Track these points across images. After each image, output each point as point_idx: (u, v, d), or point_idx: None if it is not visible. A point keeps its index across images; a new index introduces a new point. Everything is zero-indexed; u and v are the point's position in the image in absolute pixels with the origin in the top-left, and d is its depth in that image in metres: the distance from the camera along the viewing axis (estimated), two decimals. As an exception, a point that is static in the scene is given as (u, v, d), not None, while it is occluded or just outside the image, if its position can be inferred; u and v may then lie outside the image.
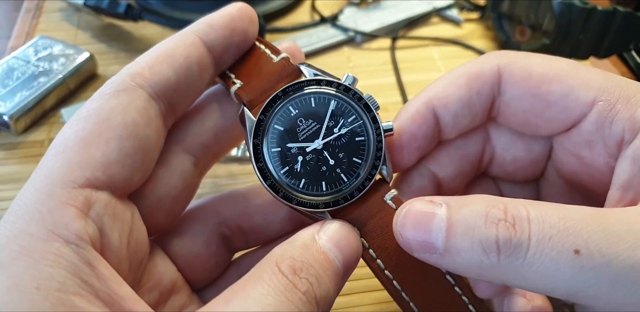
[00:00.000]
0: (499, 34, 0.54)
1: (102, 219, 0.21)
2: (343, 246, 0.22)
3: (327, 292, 0.21)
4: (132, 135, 0.22)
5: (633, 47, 0.49)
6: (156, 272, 0.25)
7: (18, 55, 0.48)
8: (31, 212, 0.19)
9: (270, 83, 0.25)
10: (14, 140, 0.44)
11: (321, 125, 0.24)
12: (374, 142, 0.24)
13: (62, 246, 0.19)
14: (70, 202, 0.20)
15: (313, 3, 0.59)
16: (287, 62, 0.25)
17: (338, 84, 0.24)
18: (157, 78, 0.23)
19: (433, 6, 0.58)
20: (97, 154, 0.21)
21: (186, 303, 0.26)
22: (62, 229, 0.19)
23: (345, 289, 0.35)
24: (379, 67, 0.53)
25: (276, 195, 0.24)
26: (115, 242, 0.21)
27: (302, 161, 0.24)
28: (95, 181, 0.21)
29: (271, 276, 0.20)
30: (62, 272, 0.18)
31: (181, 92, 0.24)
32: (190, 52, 0.24)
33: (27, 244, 0.18)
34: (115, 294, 0.19)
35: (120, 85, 0.23)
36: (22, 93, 0.44)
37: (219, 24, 0.25)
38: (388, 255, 0.24)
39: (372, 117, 0.24)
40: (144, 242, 0.24)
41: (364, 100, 0.24)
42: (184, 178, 0.26)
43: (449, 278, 0.24)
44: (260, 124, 0.24)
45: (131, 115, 0.22)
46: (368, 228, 0.24)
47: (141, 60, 0.24)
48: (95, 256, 0.19)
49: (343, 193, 0.24)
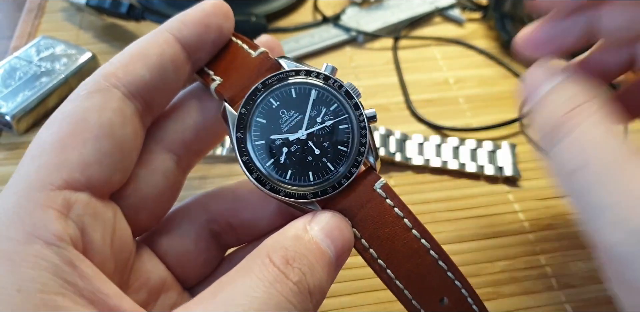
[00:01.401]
0: (501, 34, 0.54)
1: (83, 220, 0.21)
2: (335, 236, 0.22)
3: (320, 282, 0.21)
4: (108, 135, 0.22)
5: (636, 47, 0.49)
6: (144, 271, 0.25)
7: (20, 56, 0.48)
8: (9, 216, 0.19)
9: (250, 78, 0.25)
10: (16, 140, 0.44)
11: (303, 115, 0.24)
12: (357, 129, 0.24)
13: (42, 247, 0.19)
14: (49, 204, 0.20)
15: (315, 3, 0.59)
16: (265, 57, 0.25)
17: (317, 73, 0.24)
18: (130, 77, 0.23)
19: (435, 6, 0.58)
20: (74, 155, 0.21)
21: (177, 301, 0.26)
22: (41, 231, 0.19)
23: (348, 289, 0.35)
24: (382, 66, 0.53)
25: (263, 188, 0.24)
26: (97, 242, 0.21)
27: (287, 152, 0.24)
28: (73, 182, 0.21)
29: (261, 267, 0.20)
30: (44, 273, 0.18)
31: (157, 90, 0.24)
32: (164, 49, 0.24)
33: (6, 248, 0.18)
34: (100, 292, 0.19)
35: (94, 86, 0.23)
36: (25, 93, 0.44)
37: (192, 21, 0.25)
38: (380, 244, 0.24)
39: (354, 104, 0.24)
40: (128, 241, 0.24)
41: (344, 88, 0.24)
42: (167, 177, 0.26)
43: (442, 264, 0.24)
44: (242, 118, 0.24)
45: (107, 116, 0.22)
46: (359, 218, 0.24)
47: (115, 60, 0.24)
48: (77, 255, 0.19)
49: (330, 182, 0.24)
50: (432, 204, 0.40)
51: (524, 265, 0.37)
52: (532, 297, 0.35)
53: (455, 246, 0.38)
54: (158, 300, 0.25)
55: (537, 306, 0.35)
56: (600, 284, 0.36)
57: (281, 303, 0.19)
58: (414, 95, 0.49)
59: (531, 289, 0.35)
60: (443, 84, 0.51)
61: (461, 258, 0.37)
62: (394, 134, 0.44)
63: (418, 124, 0.47)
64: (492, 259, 0.37)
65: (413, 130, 0.46)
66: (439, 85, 0.51)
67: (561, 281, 0.36)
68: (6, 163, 0.42)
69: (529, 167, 0.43)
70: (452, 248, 0.38)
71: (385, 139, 0.43)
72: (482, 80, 0.51)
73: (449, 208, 0.40)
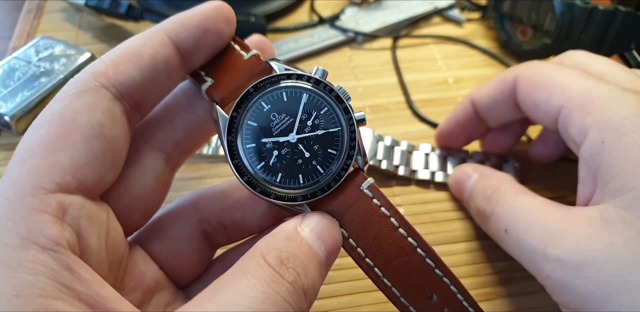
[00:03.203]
0: (501, 33, 0.54)
1: (79, 223, 0.21)
2: (325, 237, 0.23)
3: (313, 281, 0.21)
4: (98, 137, 0.22)
5: (634, 47, 0.49)
6: (138, 271, 0.25)
7: (19, 56, 0.48)
8: (3, 221, 0.19)
9: (242, 80, 0.25)
10: (15, 140, 0.44)
11: (294, 119, 0.24)
12: (347, 133, 0.24)
13: (38, 253, 0.19)
14: (43, 209, 0.20)
15: (312, 4, 0.59)
16: (257, 59, 0.25)
17: (309, 78, 0.24)
18: (121, 78, 0.23)
19: (434, 6, 0.58)
20: (65, 157, 0.21)
21: (171, 300, 0.26)
22: (37, 236, 0.19)
23: (347, 289, 0.35)
24: (381, 67, 0.53)
25: (254, 191, 0.24)
26: (94, 245, 0.21)
27: (277, 155, 0.24)
28: (65, 185, 0.20)
29: (257, 268, 0.20)
30: (41, 278, 0.18)
31: (146, 91, 0.24)
32: (158, 51, 0.24)
33: (2, 254, 0.18)
34: (99, 295, 0.19)
35: (84, 86, 0.22)
36: (24, 93, 0.44)
37: (191, 23, 0.24)
38: (367, 243, 0.24)
39: (344, 108, 0.24)
40: (121, 242, 0.24)
41: (335, 92, 0.24)
42: (157, 176, 0.26)
43: (429, 261, 0.24)
44: (234, 121, 0.24)
45: (96, 116, 0.22)
46: (347, 218, 0.24)
47: (106, 58, 0.23)
48: (75, 260, 0.19)
49: (320, 185, 0.24)
50: (431, 204, 0.40)
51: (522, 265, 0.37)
52: (530, 297, 0.35)
53: (454, 246, 0.38)
54: (152, 300, 0.25)
55: (536, 306, 0.35)
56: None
57: (279, 302, 0.20)
58: (413, 95, 0.49)
59: (530, 290, 0.35)
60: (442, 84, 0.51)
61: (460, 258, 0.37)
62: (399, 145, 0.43)
63: (419, 123, 0.47)
64: (491, 260, 0.37)
65: (414, 130, 0.46)
66: (438, 86, 0.51)
67: (560, 281, 0.36)
68: (5, 163, 0.42)
69: (527, 167, 0.43)
70: (451, 248, 0.38)
71: (390, 150, 0.42)
72: (482, 80, 0.51)
73: (447, 208, 0.40)
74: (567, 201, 0.30)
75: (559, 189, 0.41)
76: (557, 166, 0.43)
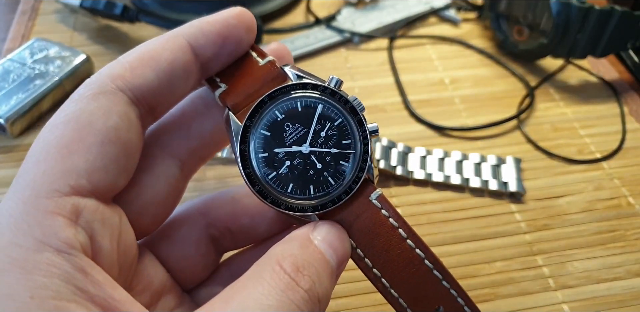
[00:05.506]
0: (497, 33, 0.54)
1: (92, 226, 0.21)
2: (336, 246, 0.23)
3: (326, 290, 0.21)
4: (114, 141, 0.22)
5: (630, 46, 0.49)
6: (146, 274, 0.25)
7: (14, 58, 0.47)
8: (18, 223, 0.19)
9: (255, 87, 0.25)
10: (10, 143, 0.44)
11: (308, 129, 0.24)
12: (360, 145, 0.24)
13: (53, 255, 0.19)
14: (57, 211, 0.19)
15: (308, 4, 0.59)
16: (272, 66, 0.25)
17: (324, 88, 0.24)
18: (138, 81, 0.22)
19: (431, 6, 0.58)
20: (80, 161, 0.21)
21: (177, 303, 0.26)
22: (51, 238, 0.19)
23: (346, 291, 0.35)
24: (377, 67, 0.52)
25: (265, 200, 0.24)
26: (106, 248, 0.21)
27: (289, 166, 0.24)
28: (80, 189, 0.20)
29: (272, 275, 0.20)
30: (56, 280, 0.18)
31: (162, 97, 0.24)
32: (177, 57, 0.23)
33: (17, 255, 0.18)
34: (112, 298, 0.19)
35: (100, 88, 0.22)
36: (18, 96, 0.44)
37: (212, 30, 0.24)
38: (375, 253, 0.24)
39: (358, 120, 0.24)
40: (132, 245, 0.24)
41: (350, 103, 0.24)
42: (170, 183, 0.26)
43: (436, 273, 0.24)
44: (247, 130, 0.24)
45: (113, 120, 0.22)
46: (355, 228, 0.24)
47: (124, 60, 0.23)
48: (88, 262, 0.19)
49: (331, 196, 0.24)
50: (428, 205, 0.40)
51: (521, 266, 0.37)
52: (529, 297, 0.35)
53: (452, 247, 0.38)
54: (159, 302, 0.25)
55: (535, 306, 0.35)
56: (598, 284, 0.36)
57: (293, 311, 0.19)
58: (409, 96, 0.49)
59: (528, 290, 0.35)
60: (438, 84, 0.51)
61: (458, 259, 0.37)
62: (396, 147, 0.43)
63: (416, 124, 0.47)
64: (489, 260, 0.37)
65: (411, 130, 0.46)
66: (434, 86, 0.51)
67: (558, 282, 0.36)
68: (0, 166, 0.42)
69: (526, 167, 0.43)
70: (449, 249, 0.38)
71: (387, 151, 0.42)
72: (478, 80, 0.51)
73: (445, 209, 0.40)
74: (567, 201, 0.30)
75: (559, 189, 0.41)
76: (557, 166, 0.43)
